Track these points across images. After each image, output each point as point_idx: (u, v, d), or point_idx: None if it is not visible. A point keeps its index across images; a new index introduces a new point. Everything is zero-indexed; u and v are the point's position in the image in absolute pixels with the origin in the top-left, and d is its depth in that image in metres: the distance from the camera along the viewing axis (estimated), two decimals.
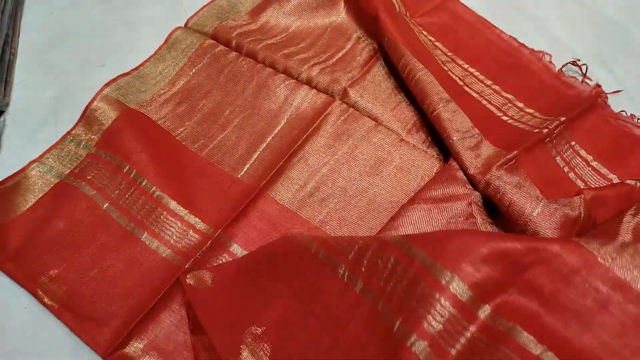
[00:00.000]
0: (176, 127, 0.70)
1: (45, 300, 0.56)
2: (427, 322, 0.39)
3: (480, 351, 0.39)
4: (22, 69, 0.78)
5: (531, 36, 0.81)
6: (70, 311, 0.56)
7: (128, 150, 0.66)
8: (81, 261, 0.59)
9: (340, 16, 0.83)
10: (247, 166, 0.67)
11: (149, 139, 0.68)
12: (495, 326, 0.40)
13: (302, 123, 0.70)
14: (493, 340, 0.39)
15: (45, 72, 0.78)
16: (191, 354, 0.53)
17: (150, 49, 0.79)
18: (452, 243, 0.41)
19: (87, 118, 0.70)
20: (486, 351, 0.39)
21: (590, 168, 0.66)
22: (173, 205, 0.63)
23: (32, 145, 0.68)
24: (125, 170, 0.65)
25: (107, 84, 0.73)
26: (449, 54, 0.78)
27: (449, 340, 0.39)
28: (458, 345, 0.39)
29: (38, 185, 0.65)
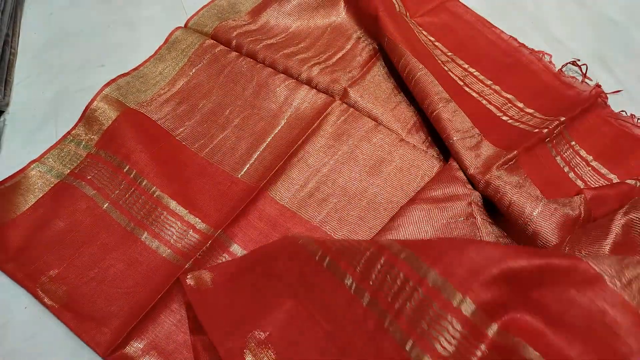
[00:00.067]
0: (176, 127, 0.70)
1: (45, 300, 0.56)
2: (440, 345, 0.40)
3: None
4: (22, 69, 0.78)
5: (531, 36, 0.81)
6: (70, 311, 0.56)
7: (128, 150, 0.66)
8: (81, 261, 0.59)
9: (340, 16, 0.83)
10: (247, 166, 0.67)
11: (149, 139, 0.68)
12: (503, 342, 0.40)
13: (302, 123, 0.70)
14: (502, 357, 0.40)
15: (45, 72, 0.78)
16: (191, 354, 0.53)
17: (150, 49, 0.79)
18: (463, 263, 0.42)
19: (87, 118, 0.70)
20: None
21: (590, 168, 0.66)
22: (173, 205, 0.63)
23: (32, 145, 0.69)
24: (125, 170, 0.65)
25: (107, 84, 0.73)
26: (449, 54, 0.78)
27: None
28: None
29: (38, 185, 0.65)
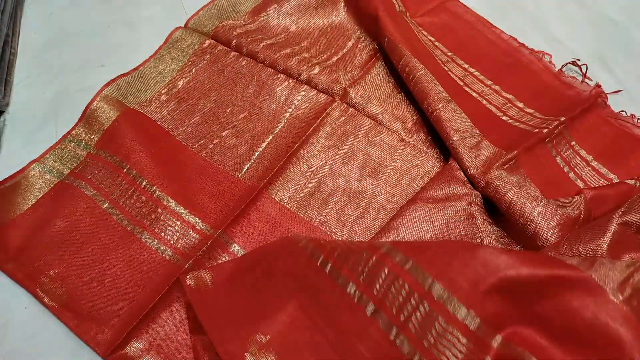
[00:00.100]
0: (176, 127, 0.70)
1: (45, 300, 0.56)
2: (447, 359, 0.41)
3: None
4: (22, 69, 0.78)
5: (531, 36, 0.81)
6: (70, 311, 0.56)
7: (128, 150, 0.66)
8: (81, 261, 0.59)
9: (340, 16, 0.83)
10: (247, 166, 0.67)
11: (149, 139, 0.68)
12: (508, 353, 0.41)
13: (302, 123, 0.70)
14: None
15: (45, 72, 0.78)
16: (191, 354, 0.53)
17: (150, 49, 0.79)
18: (467, 275, 0.42)
19: (87, 118, 0.70)
20: None
21: (590, 168, 0.66)
22: (173, 205, 0.63)
23: (32, 145, 0.69)
24: (125, 170, 0.65)
25: (107, 84, 0.73)
26: (449, 54, 0.78)
27: None
28: None
29: (38, 185, 0.65)
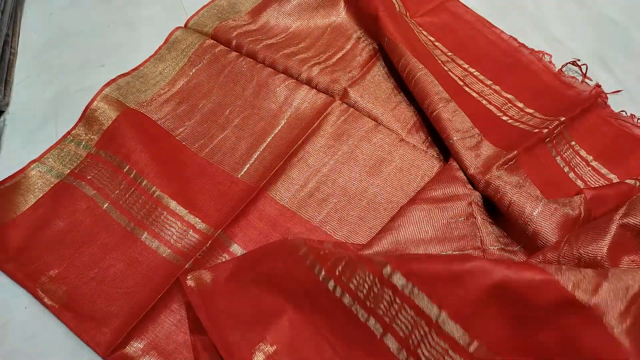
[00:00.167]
0: (176, 127, 0.70)
1: (45, 300, 0.56)
2: None
3: None
4: (22, 69, 0.78)
5: (531, 36, 0.81)
6: (70, 311, 0.56)
7: (128, 150, 0.66)
8: (81, 261, 0.59)
9: (340, 16, 0.83)
10: (247, 166, 0.67)
11: (149, 139, 0.68)
12: None
13: (302, 123, 0.70)
14: None
15: (45, 72, 0.78)
16: (191, 354, 0.53)
17: (150, 49, 0.79)
18: (472, 302, 0.44)
19: (87, 118, 0.70)
20: None
21: (590, 168, 0.66)
22: (173, 205, 0.63)
23: (32, 145, 0.69)
24: (125, 170, 0.65)
25: (107, 84, 0.73)
26: (449, 54, 0.78)
27: None
28: None
29: (38, 185, 0.65)
